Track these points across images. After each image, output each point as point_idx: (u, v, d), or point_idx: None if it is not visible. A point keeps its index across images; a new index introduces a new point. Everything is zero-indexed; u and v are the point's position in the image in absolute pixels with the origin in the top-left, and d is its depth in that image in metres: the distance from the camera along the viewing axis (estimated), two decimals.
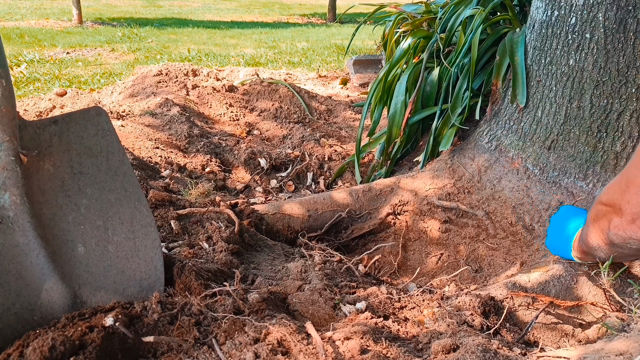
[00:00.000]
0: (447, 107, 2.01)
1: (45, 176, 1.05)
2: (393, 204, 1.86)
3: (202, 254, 1.37)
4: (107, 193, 1.09)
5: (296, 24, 10.22)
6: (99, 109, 1.12)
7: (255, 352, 0.89)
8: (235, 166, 2.52)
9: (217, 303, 1.05)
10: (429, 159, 2.05)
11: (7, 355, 0.86)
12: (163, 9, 12.02)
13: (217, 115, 3.03)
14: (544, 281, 1.33)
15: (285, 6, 14.10)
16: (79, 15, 8.32)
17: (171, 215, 1.53)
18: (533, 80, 1.70)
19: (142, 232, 1.11)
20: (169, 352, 0.92)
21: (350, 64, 4.35)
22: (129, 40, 6.83)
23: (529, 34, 1.75)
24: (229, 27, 9.03)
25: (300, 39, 7.45)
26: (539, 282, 1.33)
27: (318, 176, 2.52)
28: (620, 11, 1.43)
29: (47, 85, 4.10)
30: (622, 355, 0.89)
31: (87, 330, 0.90)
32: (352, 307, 1.17)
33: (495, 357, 0.92)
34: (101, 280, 1.06)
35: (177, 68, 3.35)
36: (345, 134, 2.96)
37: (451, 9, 2.28)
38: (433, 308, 1.21)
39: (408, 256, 1.79)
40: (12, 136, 0.98)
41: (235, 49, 6.39)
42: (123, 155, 1.12)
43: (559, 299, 1.29)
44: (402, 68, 2.36)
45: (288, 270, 1.37)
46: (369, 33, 7.37)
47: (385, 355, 0.93)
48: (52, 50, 5.76)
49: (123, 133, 2.35)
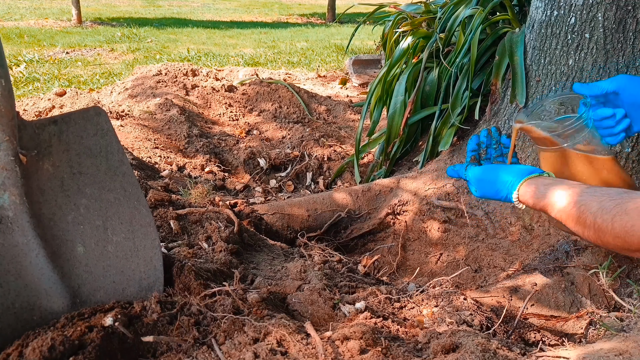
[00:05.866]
0: (447, 107, 2.01)
1: (45, 176, 1.04)
2: (392, 204, 1.86)
3: (202, 254, 1.37)
4: (106, 193, 1.09)
5: (295, 23, 10.21)
6: (98, 109, 1.11)
7: (255, 352, 0.89)
8: (234, 166, 2.52)
9: (216, 303, 1.05)
10: (428, 159, 2.05)
11: (7, 355, 0.86)
12: (162, 8, 12.02)
13: (216, 115, 3.03)
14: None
15: (285, 6, 14.10)
16: (78, 15, 8.32)
17: (170, 215, 1.53)
18: (532, 80, 1.70)
19: (142, 232, 1.11)
20: (168, 352, 0.92)
21: (349, 63, 4.35)
22: (128, 40, 6.83)
23: (529, 33, 1.75)
24: (229, 27, 9.03)
25: (299, 38, 7.45)
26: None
27: (317, 176, 2.52)
28: (619, 11, 1.43)
29: (46, 85, 4.09)
30: (622, 355, 0.89)
31: (86, 330, 0.90)
32: (352, 307, 1.17)
33: (495, 357, 0.92)
34: (100, 280, 1.06)
35: (176, 68, 3.35)
36: (345, 134, 2.96)
37: (450, 9, 2.28)
38: (432, 308, 1.21)
39: (407, 256, 1.79)
40: (11, 136, 0.98)
41: (235, 48, 6.39)
42: (122, 155, 1.12)
43: (560, 300, 1.30)
44: (401, 68, 2.36)
45: (287, 270, 1.37)
46: (369, 33, 7.37)
47: (384, 355, 0.93)
48: (51, 50, 5.76)
49: (122, 133, 2.35)
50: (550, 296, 1.33)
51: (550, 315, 1.31)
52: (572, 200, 0.94)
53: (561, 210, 0.95)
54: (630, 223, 0.80)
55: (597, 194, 0.90)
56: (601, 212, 0.87)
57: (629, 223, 0.81)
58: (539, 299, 1.33)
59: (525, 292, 1.34)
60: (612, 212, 0.85)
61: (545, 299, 1.33)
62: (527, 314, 1.31)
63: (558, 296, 1.32)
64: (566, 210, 0.94)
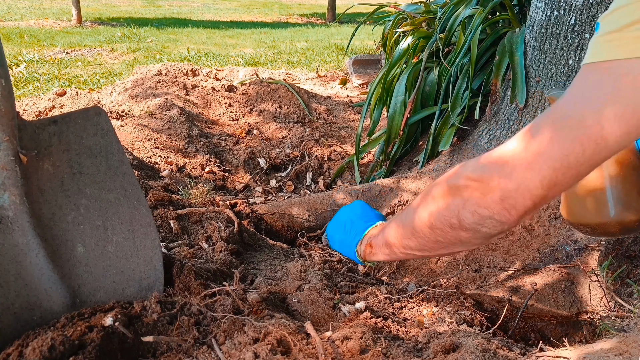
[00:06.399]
0: (447, 107, 2.01)
1: (45, 176, 1.04)
2: (392, 204, 1.86)
3: (202, 254, 1.37)
4: (106, 193, 1.09)
5: (295, 23, 10.21)
6: (98, 108, 1.11)
7: (255, 352, 0.89)
8: (234, 166, 2.52)
9: (216, 303, 1.05)
10: (428, 159, 2.05)
11: (7, 355, 0.86)
12: (162, 8, 12.02)
13: (216, 115, 3.03)
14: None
15: (285, 6, 14.10)
16: (78, 15, 8.32)
17: (170, 215, 1.53)
18: (532, 80, 1.70)
19: (142, 231, 1.11)
20: (168, 352, 0.92)
21: (349, 63, 4.35)
22: (128, 40, 6.83)
23: (529, 33, 1.75)
24: (229, 27, 9.03)
25: (299, 38, 7.44)
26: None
27: (317, 176, 2.52)
28: None
29: (46, 85, 4.09)
30: (622, 355, 0.89)
31: (86, 330, 0.90)
32: (352, 307, 1.17)
33: (495, 357, 0.92)
34: (100, 280, 1.06)
35: (176, 68, 3.35)
36: (345, 134, 2.96)
37: (450, 9, 2.28)
38: (432, 308, 1.21)
39: None
40: (11, 136, 0.98)
41: (235, 48, 6.39)
42: (122, 155, 1.12)
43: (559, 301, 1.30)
44: (401, 68, 2.36)
45: (287, 270, 1.37)
46: (369, 33, 7.37)
47: (384, 355, 0.93)
48: (51, 50, 5.76)
49: (122, 133, 2.35)
50: (550, 296, 1.33)
51: (551, 315, 1.31)
52: (395, 224, 1.01)
53: (394, 238, 1.01)
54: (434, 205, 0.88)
55: (408, 209, 0.97)
56: (412, 213, 0.93)
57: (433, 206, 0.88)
58: (539, 299, 1.33)
59: (525, 292, 1.34)
60: (418, 207, 0.92)
61: (545, 299, 1.33)
62: (527, 314, 1.31)
63: (558, 296, 1.32)
64: (397, 234, 0.99)
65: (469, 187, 0.80)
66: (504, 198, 0.76)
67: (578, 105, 0.68)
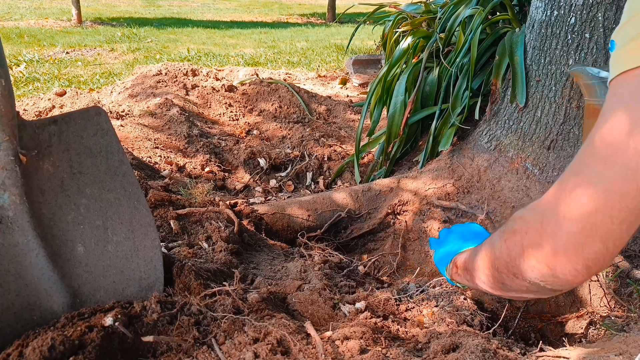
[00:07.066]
0: (447, 106, 2.01)
1: (45, 176, 1.04)
2: (392, 203, 1.86)
3: (202, 254, 1.37)
4: (106, 193, 1.09)
5: (295, 23, 10.21)
6: (98, 108, 1.11)
7: (255, 352, 0.89)
8: (234, 166, 2.52)
9: (216, 303, 1.05)
10: (428, 159, 2.05)
11: (7, 355, 0.86)
12: (162, 8, 12.02)
13: (216, 115, 3.03)
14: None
15: (285, 6, 14.10)
16: (78, 15, 8.31)
17: (170, 215, 1.53)
18: (532, 80, 1.70)
19: (142, 231, 1.11)
20: (168, 352, 0.92)
21: (349, 63, 4.35)
22: (128, 40, 6.82)
23: (529, 33, 1.75)
24: (229, 27, 9.02)
25: (299, 38, 7.44)
26: None
27: (317, 176, 2.52)
28: (619, 11, 1.43)
29: (46, 85, 4.09)
30: (622, 355, 0.89)
31: (86, 330, 0.90)
32: (352, 307, 1.17)
33: (495, 357, 0.92)
34: (100, 280, 1.06)
35: (176, 68, 3.34)
36: (345, 134, 2.96)
37: (451, 9, 2.28)
38: (432, 308, 1.21)
39: (408, 256, 1.79)
40: (11, 136, 0.98)
41: (235, 48, 6.39)
42: (122, 155, 1.12)
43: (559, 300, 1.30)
44: (401, 68, 2.36)
45: (287, 270, 1.37)
46: (369, 33, 7.37)
47: (384, 355, 0.93)
48: (51, 50, 5.76)
49: (122, 133, 2.35)
50: (550, 296, 1.33)
51: (551, 315, 1.31)
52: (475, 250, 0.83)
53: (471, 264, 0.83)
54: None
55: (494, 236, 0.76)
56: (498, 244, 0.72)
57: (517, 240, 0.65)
58: (539, 299, 1.33)
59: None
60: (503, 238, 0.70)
61: (546, 299, 1.33)
62: (527, 313, 1.31)
63: (558, 296, 1.33)
64: (484, 264, 0.78)
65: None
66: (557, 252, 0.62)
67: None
